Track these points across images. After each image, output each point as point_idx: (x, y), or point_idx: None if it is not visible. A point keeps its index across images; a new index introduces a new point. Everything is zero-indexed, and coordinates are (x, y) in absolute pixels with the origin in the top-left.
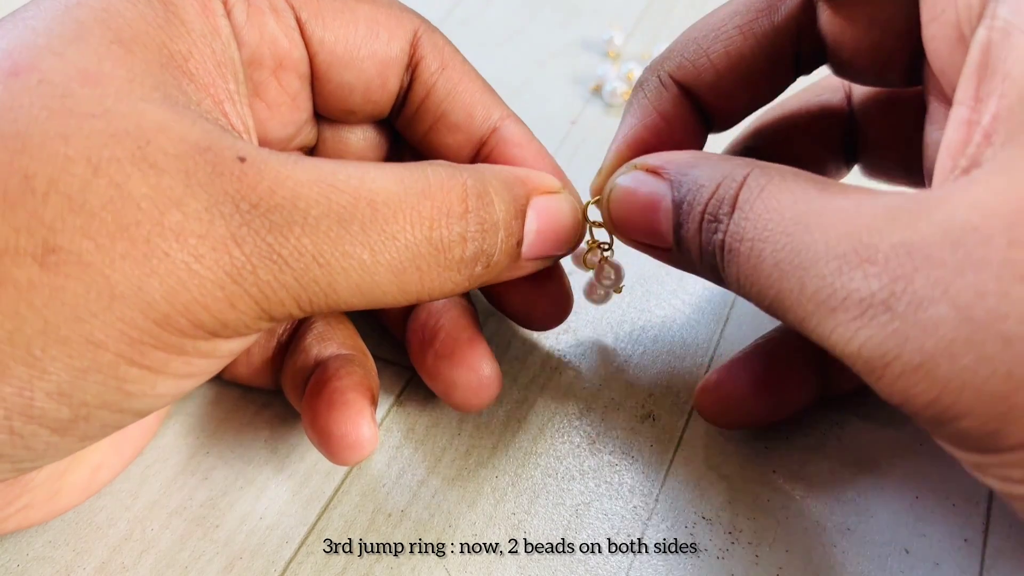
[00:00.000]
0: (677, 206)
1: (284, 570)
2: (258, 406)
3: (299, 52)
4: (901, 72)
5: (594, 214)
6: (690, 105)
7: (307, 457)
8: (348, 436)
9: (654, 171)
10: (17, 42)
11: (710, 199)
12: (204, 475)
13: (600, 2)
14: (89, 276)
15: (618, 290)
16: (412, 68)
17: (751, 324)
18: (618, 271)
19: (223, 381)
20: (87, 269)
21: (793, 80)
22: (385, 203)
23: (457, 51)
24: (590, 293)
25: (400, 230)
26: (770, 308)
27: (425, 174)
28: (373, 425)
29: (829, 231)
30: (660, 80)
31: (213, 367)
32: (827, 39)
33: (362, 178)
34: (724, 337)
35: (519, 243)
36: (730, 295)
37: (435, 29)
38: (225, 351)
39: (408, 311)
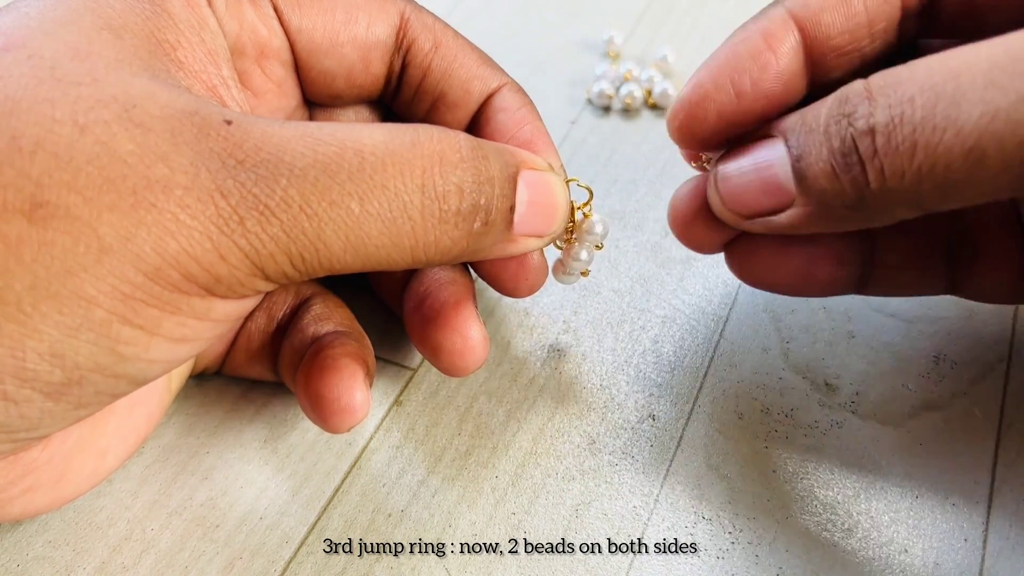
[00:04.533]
0: (793, 149)
1: (284, 570)
2: (258, 406)
3: (279, 40)
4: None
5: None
6: (800, 42)
7: (307, 457)
8: (340, 400)
9: (759, 138)
10: (10, 23)
11: (830, 107)
12: (204, 475)
13: (600, 2)
14: (77, 229)
15: (585, 273)
16: (404, 51)
17: (751, 324)
18: (590, 252)
19: (223, 380)
20: (75, 222)
21: (912, 35)
22: (373, 152)
23: (448, 27)
24: (557, 270)
25: (390, 178)
26: (976, 147)
27: (415, 128)
28: (366, 392)
29: None
30: (774, 10)
31: (208, 331)
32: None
33: (349, 131)
34: (724, 337)
35: (512, 208)
36: (730, 295)
37: (423, 9)
38: (220, 313)
39: (406, 283)
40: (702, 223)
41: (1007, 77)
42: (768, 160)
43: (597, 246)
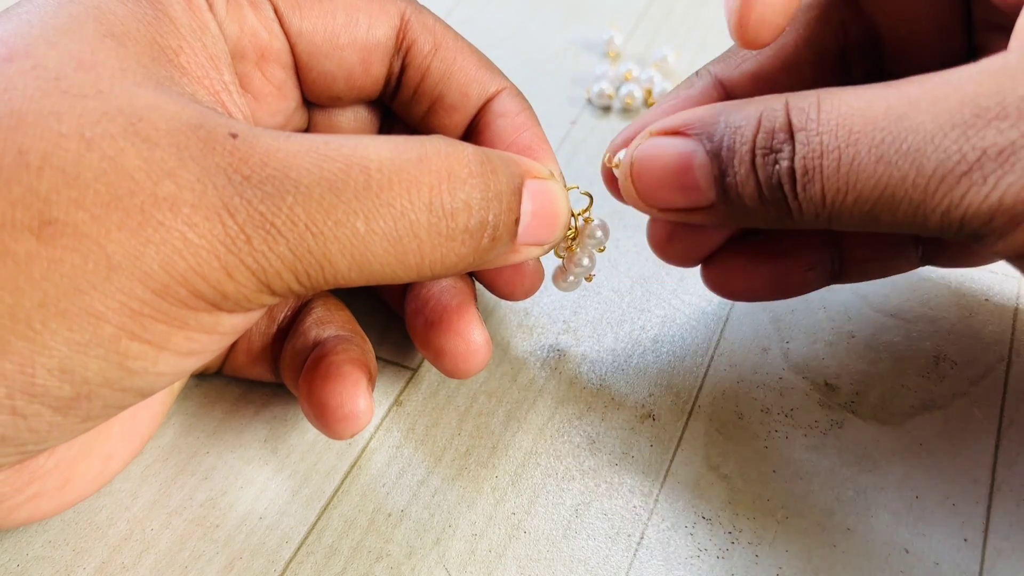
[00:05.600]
0: (715, 156)
1: (284, 570)
2: (258, 406)
3: (280, 43)
4: (959, 33)
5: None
6: (721, 97)
7: (307, 457)
8: (343, 407)
9: (676, 132)
10: (12, 32)
11: (756, 135)
12: (204, 475)
13: (600, 2)
14: (86, 247)
15: (589, 278)
16: (404, 52)
17: (751, 324)
18: (592, 257)
19: (223, 381)
20: (83, 240)
21: (841, 78)
22: (379, 170)
23: (449, 28)
24: (558, 278)
25: (396, 196)
26: (872, 210)
27: (422, 143)
28: (369, 399)
29: (933, 109)
30: (696, 73)
31: (215, 344)
32: (878, 19)
33: (355, 147)
34: (724, 337)
35: (517, 221)
36: None
37: (424, 9)
38: (228, 327)
39: (407, 285)
40: (679, 242)
41: (894, 153)
42: (687, 161)
43: (600, 249)
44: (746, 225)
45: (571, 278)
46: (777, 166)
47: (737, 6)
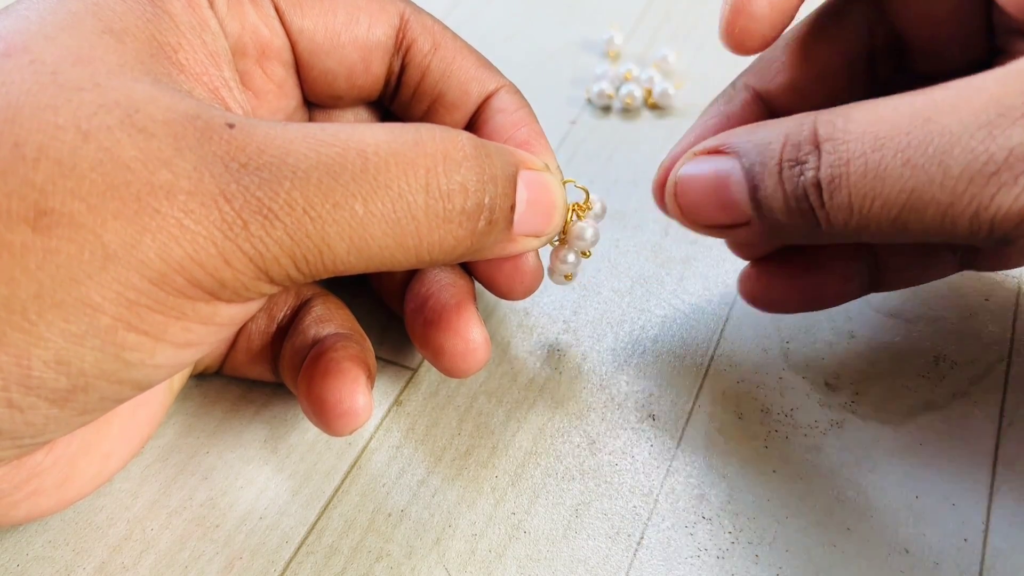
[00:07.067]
0: (748, 172)
1: (284, 570)
2: (258, 406)
3: (280, 41)
4: (981, 34)
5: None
6: (762, 110)
7: (307, 457)
8: (342, 403)
9: (714, 151)
10: (10, 28)
11: (783, 148)
12: (204, 475)
13: (600, 2)
14: (82, 236)
15: (568, 276)
16: (403, 52)
17: (751, 324)
18: (577, 255)
19: (223, 380)
20: (79, 230)
21: (870, 84)
22: (376, 153)
23: (447, 29)
24: (551, 271)
25: (393, 179)
26: (900, 216)
27: (418, 128)
28: (368, 395)
29: (958, 111)
30: (733, 86)
31: (213, 336)
32: (901, 22)
33: (351, 132)
34: (724, 337)
35: (512, 208)
36: (730, 295)
37: (422, 10)
38: (225, 317)
39: (406, 283)
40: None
41: (920, 156)
42: (724, 179)
43: (584, 253)
44: (784, 241)
45: (554, 272)
46: (802, 177)
47: (727, 15)
